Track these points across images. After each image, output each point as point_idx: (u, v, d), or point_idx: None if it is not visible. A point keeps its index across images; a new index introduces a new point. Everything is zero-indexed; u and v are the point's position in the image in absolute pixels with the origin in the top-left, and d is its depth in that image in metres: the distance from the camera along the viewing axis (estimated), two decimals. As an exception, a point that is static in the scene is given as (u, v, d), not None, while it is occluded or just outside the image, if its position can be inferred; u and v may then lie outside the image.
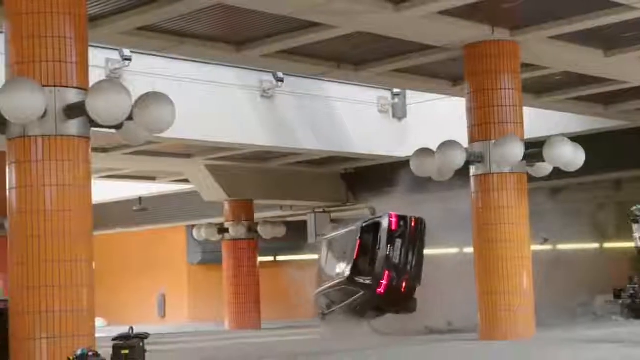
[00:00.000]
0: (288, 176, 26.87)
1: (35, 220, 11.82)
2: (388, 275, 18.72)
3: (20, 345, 11.76)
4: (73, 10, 12.12)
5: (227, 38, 17.01)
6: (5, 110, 11.64)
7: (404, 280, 18.89)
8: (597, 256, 25.16)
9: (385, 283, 18.65)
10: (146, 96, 12.25)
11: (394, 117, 24.71)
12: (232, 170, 26.30)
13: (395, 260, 18.94)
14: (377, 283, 18.68)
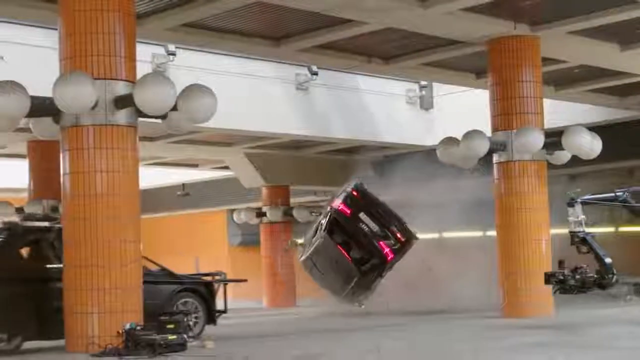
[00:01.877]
0: (321, 163, 26.84)
1: (87, 203, 11.91)
2: (383, 243, 18.44)
3: (75, 319, 11.85)
4: (122, 8, 12.17)
5: (264, 34, 17.02)
6: (59, 101, 11.73)
7: (396, 236, 18.62)
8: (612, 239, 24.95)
9: (387, 250, 18.40)
10: (189, 88, 12.30)
11: (421, 108, 24.61)
12: (270, 158, 26.32)
13: (375, 230, 18.61)
14: (382, 256, 18.40)
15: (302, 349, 11.99)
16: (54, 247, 13.03)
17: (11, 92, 11.79)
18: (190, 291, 14.42)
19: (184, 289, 14.31)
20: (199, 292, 14.54)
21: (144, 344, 11.17)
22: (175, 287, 14.20)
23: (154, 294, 13.36)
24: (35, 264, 13.12)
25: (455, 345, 11.77)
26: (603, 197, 13.93)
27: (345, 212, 18.51)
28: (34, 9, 14.34)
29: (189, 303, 14.24)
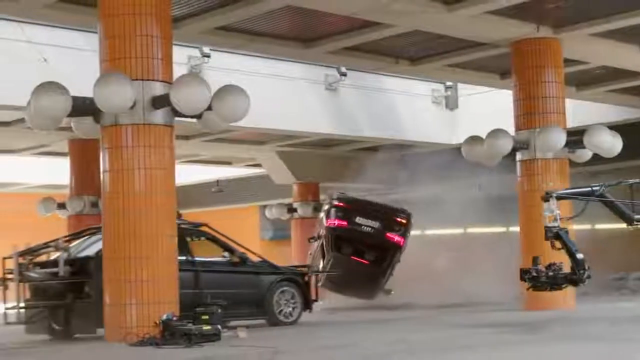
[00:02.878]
0: (350, 161, 26.82)
1: (126, 199, 11.96)
2: (390, 234, 18.33)
3: (114, 309, 11.91)
4: (159, 12, 12.20)
5: (295, 36, 17.03)
6: (99, 101, 11.78)
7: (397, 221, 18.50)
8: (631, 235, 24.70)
9: (396, 237, 18.30)
10: (223, 89, 12.31)
11: (446, 108, 24.54)
12: (300, 156, 26.34)
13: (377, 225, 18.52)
14: (394, 245, 18.34)
15: (330, 339, 11.98)
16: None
17: (54, 92, 11.87)
18: (288, 281, 15.13)
19: (283, 279, 15.04)
20: (296, 281, 15.25)
21: (180, 334, 11.21)
22: (276, 277, 14.99)
23: (257, 284, 14.63)
24: None
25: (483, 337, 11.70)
26: (579, 192, 13.16)
27: (342, 224, 18.38)
28: (75, 13, 14.43)
29: (287, 292, 15.01)
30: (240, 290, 14.40)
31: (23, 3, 13.96)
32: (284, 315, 14.94)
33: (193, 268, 13.89)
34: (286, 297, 15.01)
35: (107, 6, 12.18)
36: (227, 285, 14.21)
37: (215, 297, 13.03)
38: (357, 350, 10.30)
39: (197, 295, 13.35)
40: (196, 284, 13.78)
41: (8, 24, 16.70)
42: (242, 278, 14.63)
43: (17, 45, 16.85)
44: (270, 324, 14.77)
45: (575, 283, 12.64)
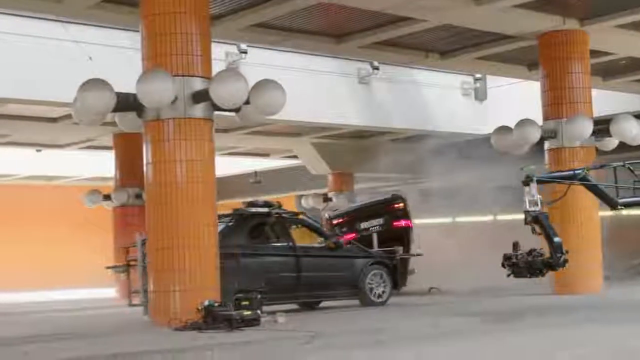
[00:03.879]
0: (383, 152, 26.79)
1: (168, 190, 12.04)
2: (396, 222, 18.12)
3: (158, 297, 12.01)
4: (198, 10, 12.25)
5: (327, 32, 17.03)
6: (142, 97, 11.86)
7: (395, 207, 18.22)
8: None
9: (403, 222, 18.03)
10: (260, 83, 12.35)
11: (475, 99, 24.42)
12: (335, 147, 26.36)
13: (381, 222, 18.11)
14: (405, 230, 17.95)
15: (367, 323, 11.99)
16: (273, 229, 14.57)
17: (99, 89, 11.97)
18: (378, 264, 15.55)
19: (373, 262, 15.49)
20: (385, 264, 15.65)
21: (221, 319, 11.27)
22: (367, 260, 15.41)
23: (351, 267, 15.15)
24: (260, 242, 14.47)
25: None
26: (560, 175, 12.59)
27: (352, 237, 18.11)
28: (118, 13, 14.53)
29: (377, 274, 15.39)
30: (335, 273, 15.04)
31: (67, 3, 14.08)
32: (375, 296, 15.33)
33: (294, 253, 14.53)
34: (377, 279, 15.40)
35: (149, 5, 12.26)
36: (324, 269, 14.83)
37: (314, 280, 14.44)
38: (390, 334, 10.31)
39: (298, 278, 14.33)
40: (297, 268, 14.44)
41: (55, 24, 16.85)
42: (337, 262, 15.15)
43: (64, 44, 17.00)
44: (364, 305, 15.22)
45: (552, 267, 11.92)
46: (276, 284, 13.96)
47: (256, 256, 14.16)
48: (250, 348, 9.29)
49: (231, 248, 13.61)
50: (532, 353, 8.18)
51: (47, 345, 10.23)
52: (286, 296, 14.37)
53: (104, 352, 9.19)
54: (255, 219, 14.57)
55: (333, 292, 15.04)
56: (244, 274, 13.52)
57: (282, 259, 14.36)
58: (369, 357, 8.32)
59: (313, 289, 14.74)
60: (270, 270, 14.10)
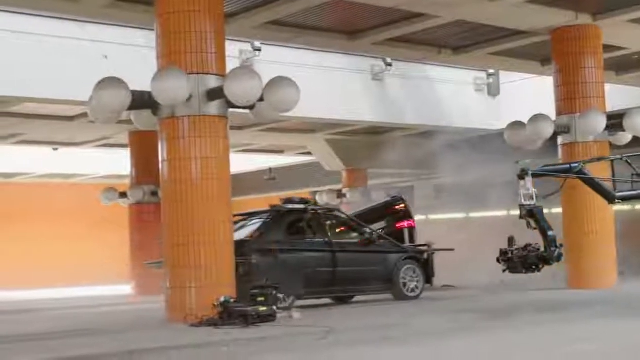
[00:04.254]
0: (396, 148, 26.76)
1: (184, 188, 12.06)
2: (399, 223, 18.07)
3: (175, 293, 12.04)
4: (212, 9, 12.27)
5: (341, 29, 17.01)
6: (157, 94, 11.89)
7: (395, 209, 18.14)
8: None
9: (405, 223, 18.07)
10: (274, 81, 12.35)
11: (489, 95, 24.34)
12: (349, 144, 26.34)
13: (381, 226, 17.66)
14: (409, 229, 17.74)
15: (384, 318, 11.99)
16: (310, 225, 14.85)
17: (114, 87, 12.00)
18: (411, 259, 15.78)
19: (406, 257, 15.71)
20: (417, 259, 15.87)
21: (237, 315, 11.29)
22: (400, 255, 15.64)
23: (385, 262, 15.39)
24: (297, 237, 14.75)
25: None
26: (556, 169, 12.25)
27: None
28: (133, 12, 14.55)
29: (410, 268, 15.60)
30: (370, 268, 15.25)
31: (83, 3, 14.12)
32: (408, 290, 15.51)
33: (330, 249, 14.78)
34: (410, 274, 15.59)
35: (164, 4, 12.28)
36: (359, 263, 15.07)
37: (349, 275, 14.73)
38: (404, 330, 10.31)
39: (334, 273, 14.60)
40: (333, 263, 14.68)
41: (71, 24, 16.90)
42: (371, 257, 15.36)
43: (80, 43, 17.05)
44: (397, 299, 15.39)
45: (546, 261, 11.66)
46: (313, 279, 14.30)
47: (294, 252, 14.41)
48: (265, 344, 9.31)
49: (269, 244, 13.98)
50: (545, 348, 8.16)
51: (67, 342, 10.28)
52: (322, 291, 14.69)
53: (121, 349, 9.22)
54: (292, 216, 14.86)
55: (368, 286, 15.20)
56: (282, 269, 13.82)
57: (318, 255, 14.64)
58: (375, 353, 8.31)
59: (348, 284, 14.95)
60: (307, 265, 14.38)
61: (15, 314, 16.76)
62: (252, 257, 13.56)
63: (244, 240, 13.86)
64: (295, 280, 13.93)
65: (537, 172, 11.85)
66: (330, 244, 14.85)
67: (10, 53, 16.72)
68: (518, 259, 11.73)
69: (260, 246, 13.86)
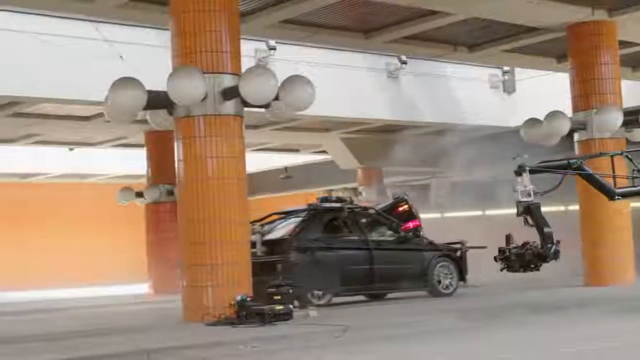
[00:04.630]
0: (411, 146, 26.70)
1: (200, 187, 12.04)
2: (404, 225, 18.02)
3: (192, 291, 12.03)
4: (227, 8, 12.25)
5: (355, 27, 16.98)
6: (172, 94, 11.88)
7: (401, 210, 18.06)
8: None
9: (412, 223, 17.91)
10: (290, 79, 12.33)
11: (504, 92, 24.25)
12: (364, 142, 26.28)
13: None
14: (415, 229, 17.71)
15: (401, 317, 11.95)
16: (346, 223, 15.11)
17: (130, 87, 12.00)
18: (445, 256, 15.95)
19: (441, 254, 15.87)
20: (451, 256, 16.02)
21: (254, 314, 11.27)
22: (435, 253, 15.79)
23: (420, 260, 15.55)
24: (334, 235, 14.93)
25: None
26: (555, 165, 11.79)
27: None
28: (147, 11, 14.56)
29: (444, 266, 15.79)
30: (405, 266, 15.38)
31: (98, 3, 14.13)
32: (443, 287, 15.66)
33: (366, 247, 14.95)
34: (444, 271, 15.74)
35: (178, 4, 12.26)
36: (395, 261, 15.21)
37: (386, 272, 14.90)
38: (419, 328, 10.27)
39: (371, 270, 14.81)
40: (370, 261, 14.87)
41: (86, 24, 16.92)
42: (407, 254, 15.53)
43: (94, 43, 17.06)
44: (432, 295, 15.52)
45: (543, 258, 11.34)
46: (350, 276, 14.52)
47: (331, 250, 14.59)
48: (282, 342, 9.28)
49: (307, 242, 14.25)
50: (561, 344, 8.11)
51: (85, 341, 10.28)
52: (359, 288, 14.92)
53: (138, 348, 9.22)
54: (329, 214, 15.09)
55: (403, 283, 15.30)
56: (319, 266, 14.12)
57: (355, 252, 14.83)
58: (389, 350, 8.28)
59: (384, 281, 15.09)
60: (344, 263, 14.56)
61: (32, 314, 16.81)
62: (290, 255, 13.94)
63: (283, 238, 14.24)
64: (332, 277, 14.23)
65: (534, 168, 11.57)
66: (366, 242, 15.03)
67: (25, 54, 16.77)
68: (515, 257, 11.47)
69: (299, 244, 14.15)
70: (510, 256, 11.51)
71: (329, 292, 14.21)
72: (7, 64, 16.59)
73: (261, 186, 31.71)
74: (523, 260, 11.42)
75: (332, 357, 7.91)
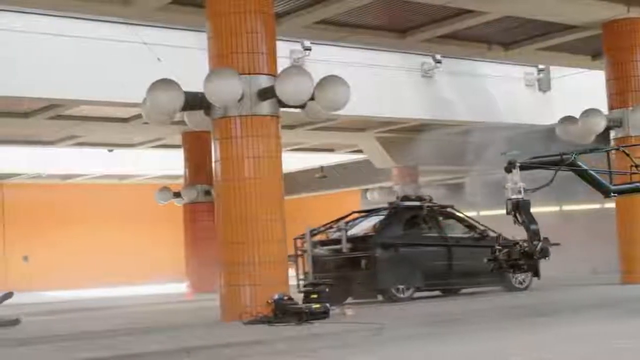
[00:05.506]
0: (446, 144, 26.56)
1: (237, 187, 12.06)
2: None
3: (229, 291, 12.05)
4: (263, 9, 12.25)
5: (390, 27, 16.92)
6: (210, 95, 11.90)
7: None
8: None
9: None
10: (325, 79, 12.30)
11: (539, 90, 24.08)
12: (399, 141, 26.19)
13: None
14: None
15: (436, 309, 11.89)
16: (425, 221, 15.56)
17: (168, 89, 12.04)
18: None
19: None
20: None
21: (291, 313, 11.27)
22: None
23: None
24: (414, 233, 15.41)
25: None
26: (547, 161, 11.24)
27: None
28: (185, 14, 14.62)
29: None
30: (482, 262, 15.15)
31: (136, 7, 14.20)
32: (517, 282, 15.83)
33: (446, 243, 15.38)
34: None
35: (215, 6, 12.29)
36: (472, 257, 15.20)
37: (464, 268, 15.23)
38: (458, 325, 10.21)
39: (450, 266, 15.27)
40: (449, 257, 15.29)
41: (124, 27, 17.03)
42: (483, 251, 15.44)
43: (133, 46, 17.18)
44: (507, 290, 15.70)
45: (529, 256, 10.91)
46: (431, 272, 14.98)
47: (413, 246, 15.06)
48: (318, 340, 9.26)
49: (390, 239, 14.76)
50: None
51: (125, 339, 10.35)
52: (440, 283, 15.38)
53: (178, 346, 9.26)
54: (409, 212, 15.51)
55: (480, 279, 15.46)
56: (402, 262, 14.65)
57: (435, 249, 15.25)
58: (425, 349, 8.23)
59: (463, 276, 15.46)
60: (426, 259, 15.00)
61: (74, 312, 16.97)
62: (375, 251, 14.43)
63: (368, 235, 14.83)
64: (414, 273, 14.75)
65: (525, 164, 11.17)
66: (445, 239, 15.44)
67: (65, 57, 16.93)
68: (503, 255, 11.16)
69: (383, 240, 14.62)
70: (499, 256, 11.20)
71: (412, 286, 14.69)
72: (47, 66, 16.76)
73: (297, 186, 31.73)
74: (511, 259, 11.08)
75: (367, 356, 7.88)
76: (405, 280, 14.63)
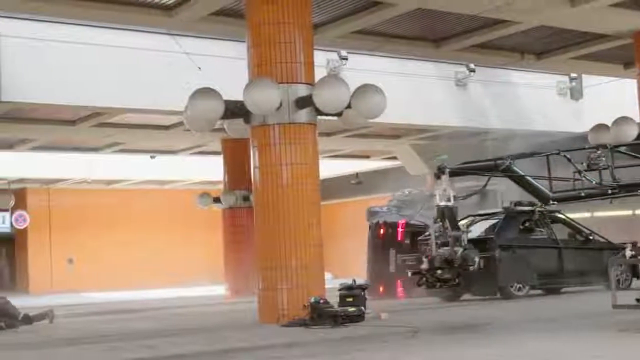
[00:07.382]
0: (480, 151, 26.41)
1: (275, 193, 12.07)
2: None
3: (267, 294, 12.07)
4: (301, 20, 12.28)
5: (424, 37, 16.89)
6: (249, 104, 11.95)
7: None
8: None
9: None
10: (361, 88, 12.30)
11: (571, 99, 23.90)
12: (433, 148, 26.09)
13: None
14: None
15: (467, 316, 11.81)
16: (537, 224, 16.10)
17: (208, 97, 12.11)
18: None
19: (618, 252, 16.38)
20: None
21: (327, 316, 11.26)
22: (613, 251, 16.08)
23: (600, 258, 16.08)
24: (527, 235, 16.02)
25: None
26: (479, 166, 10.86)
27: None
28: (225, 25, 14.70)
29: None
30: (589, 263, 16.17)
31: (179, 18, 14.30)
32: (619, 282, 15.81)
33: (557, 245, 16.02)
34: (621, 268, 16.17)
35: (254, 17, 12.34)
36: (579, 259, 16.11)
37: (573, 268, 15.91)
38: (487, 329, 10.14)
39: (561, 267, 15.91)
40: (560, 258, 15.95)
41: (165, 37, 17.17)
42: (589, 253, 16.34)
43: (174, 55, 17.31)
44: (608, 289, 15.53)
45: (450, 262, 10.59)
46: (544, 271, 15.68)
47: (528, 248, 15.72)
48: (354, 343, 9.24)
49: (508, 240, 15.47)
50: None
51: (166, 340, 10.40)
52: (552, 282, 15.96)
53: (216, 348, 9.29)
54: (522, 216, 16.08)
55: (587, 279, 16.02)
56: (519, 262, 15.39)
57: (547, 250, 15.87)
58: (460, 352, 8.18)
59: (572, 276, 15.99)
60: (539, 259, 15.66)
61: (118, 314, 17.08)
62: (495, 252, 15.01)
63: (488, 237, 15.37)
64: (530, 272, 15.48)
65: (455, 169, 10.71)
66: (556, 241, 16.07)
67: (107, 67, 17.12)
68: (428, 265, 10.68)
69: (500, 242, 15.25)
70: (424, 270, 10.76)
71: (527, 285, 15.43)
72: (90, 76, 16.95)
73: (333, 191, 31.69)
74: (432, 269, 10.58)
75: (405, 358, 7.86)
76: (522, 279, 15.38)
